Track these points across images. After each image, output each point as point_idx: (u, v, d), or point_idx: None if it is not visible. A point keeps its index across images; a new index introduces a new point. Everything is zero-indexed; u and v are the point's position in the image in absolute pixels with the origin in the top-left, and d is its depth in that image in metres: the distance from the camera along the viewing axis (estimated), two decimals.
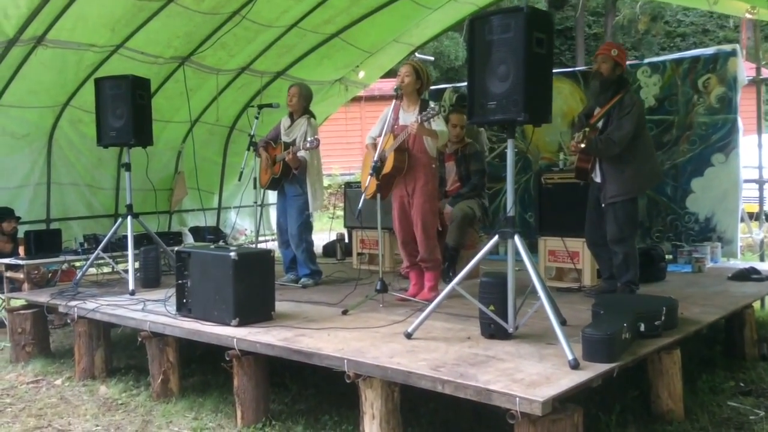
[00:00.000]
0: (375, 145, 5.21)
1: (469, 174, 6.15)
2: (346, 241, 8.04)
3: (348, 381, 3.65)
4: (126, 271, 6.06)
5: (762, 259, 7.07)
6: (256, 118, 5.98)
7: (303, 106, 6.16)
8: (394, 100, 5.12)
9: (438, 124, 5.00)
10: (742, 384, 4.74)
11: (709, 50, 7.10)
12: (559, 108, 7.89)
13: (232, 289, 4.47)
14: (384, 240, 6.85)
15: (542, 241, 5.99)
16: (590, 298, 5.21)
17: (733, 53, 6.86)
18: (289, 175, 6.03)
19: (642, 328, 3.96)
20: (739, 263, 6.90)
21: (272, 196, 10.04)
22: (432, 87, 9.26)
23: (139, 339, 4.83)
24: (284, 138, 6.10)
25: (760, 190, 7.10)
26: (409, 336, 4.06)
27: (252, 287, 4.56)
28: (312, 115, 6.16)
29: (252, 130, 5.96)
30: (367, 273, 6.67)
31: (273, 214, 10.50)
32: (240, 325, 4.45)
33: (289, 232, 6.05)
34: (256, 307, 4.60)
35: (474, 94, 3.94)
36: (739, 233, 6.98)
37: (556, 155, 8.00)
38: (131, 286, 5.75)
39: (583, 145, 4.98)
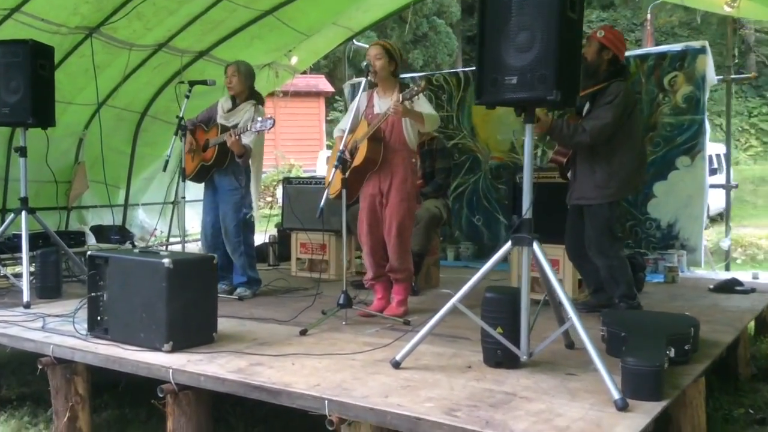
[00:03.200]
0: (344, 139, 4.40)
1: (434, 172, 5.43)
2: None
3: (330, 428, 2.81)
4: (18, 278, 4.97)
5: (727, 269, 6.70)
6: (187, 96, 4.99)
7: (246, 86, 5.22)
8: (362, 85, 4.31)
9: (424, 106, 4.23)
10: (751, 410, 4.22)
11: (677, 47, 6.67)
12: None
13: (164, 305, 3.53)
14: (330, 244, 6.05)
15: (515, 248, 5.30)
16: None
17: (703, 50, 6.45)
18: (224, 164, 5.08)
19: (672, 353, 3.33)
20: (705, 273, 6.51)
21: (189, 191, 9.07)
22: (356, 80, 8.52)
23: (40, 366, 3.79)
24: (221, 121, 5.15)
25: (727, 196, 6.73)
26: (397, 365, 3.26)
27: (190, 303, 3.64)
28: (260, 101, 5.24)
29: (181, 111, 4.97)
30: (308, 281, 5.84)
31: (189, 211, 9.47)
32: (174, 350, 3.53)
33: (225, 233, 5.10)
34: (194, 327, 3.68)
35: (484, 68, 3.19)
36: (703, 241, 6.57)
37: (508, 154, 7.42)
38: (26, 297, 4.68)
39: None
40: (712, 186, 6.62)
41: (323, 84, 22.15)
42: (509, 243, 3.27)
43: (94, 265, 3.83)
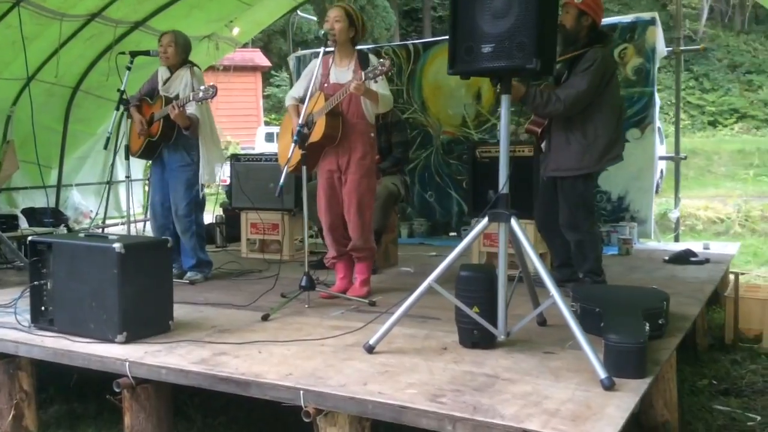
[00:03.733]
0: (298, 108, 4.18)
1: (391, 146, 5.27)
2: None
3: (307, 420, 2.65)
4: None
5: (677, 240, 6.79)
6: (128, 68, 4.67)
7: (182, 58, 4.95)
8: (321, 52, 4.08)
9: (381, 86, 4.05)
10: (714, 381, 4.25)
11: (627, 18, 6.65)
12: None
13: (116, 293, 3.28)
14: (282, 223, 5.84)
15: (476, 224, 5.19)
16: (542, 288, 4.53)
17: (653, 22, 6.45)
18: (171, 138, 4.79)
19: (647, 328, 3.29)
20: (656, 244, 6.58)
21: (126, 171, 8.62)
22: (302, 53, 8.27)
23: None
24: (163, 93, 4.86)
25: (677, 168, 6.79)
26: (371, 350, 3.12)
27: (144, 290, 3.40)
28: (194, 65, 4.98)
29: (122, 84, 4.65)
30: (260, 262, 5.62)
31: (122, 192, 9.05)
32: (129, 341, 3.30)
33: (175, 213, 4.81)
34: (149, 316, 3.44)
35: (457, 36, 3.03)
36: (653, 213, 6.63)
37: (460, 129, 7.31)
38: None
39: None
40: (662, 158, 6.66)
41: (259, 58, 21.62)
42: (486, 219, 3.13)
43: (36, 251, 3.53)
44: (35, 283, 3.53)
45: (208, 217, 6.76)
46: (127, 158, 4.74)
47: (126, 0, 6.70)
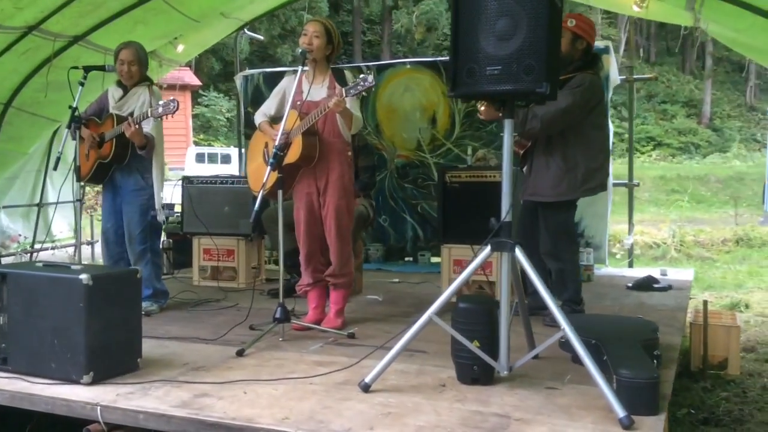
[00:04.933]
0: (270, 125, 3.98)
1: (357, 170, 5.09)
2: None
3: None
4: None
5: (631, 266, 6.85)
6: (82, 84, 4.33)
7: (142, 74, 4.67)
8: (300, 68, 3.89)
9: (354, 107, 3.91)
10: (692, 411, 4.23)
11: None
12: (418, 101, 7.11)
13: (83, 329, 2.98)
14: (238, 249, 5.57)
15: (446, 250, 5.06)
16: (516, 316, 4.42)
17: (606, 51, 6.51)
18: (125, 160, 4.48)
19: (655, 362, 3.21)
20: (613, 270, 6.62)
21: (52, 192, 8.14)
22: (250, 72, 8.01)
23: None
24: (115, 111, 4.54)
25: (630, 194, 6.87)
26: (366, 388, 2.91)
27: (111, 325, 3.11)
28: (152, 82, 4.71)
29: (75, 100, 4.30)
30: (215, 291, 5.32)
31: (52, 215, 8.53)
32: (95, 381, 2.99)
33: (129, 240, 4.47)
34: (117, 353, 3.14)
35: (459, 58, 2.91)
36: (607, 239, 6.67)
37: (415, 153, 7.20)
38: None
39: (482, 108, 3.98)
40: (615, 184, 6.72)
41: (189, 77, 21.07)
42: (488, 248, 2.99)
43: None
44: None
45: None
46: (78, 180, 4.38)
47: (67, 13, 6.29)
